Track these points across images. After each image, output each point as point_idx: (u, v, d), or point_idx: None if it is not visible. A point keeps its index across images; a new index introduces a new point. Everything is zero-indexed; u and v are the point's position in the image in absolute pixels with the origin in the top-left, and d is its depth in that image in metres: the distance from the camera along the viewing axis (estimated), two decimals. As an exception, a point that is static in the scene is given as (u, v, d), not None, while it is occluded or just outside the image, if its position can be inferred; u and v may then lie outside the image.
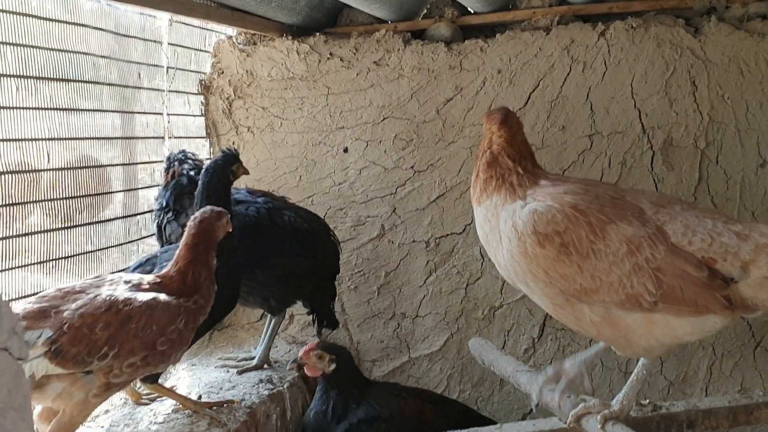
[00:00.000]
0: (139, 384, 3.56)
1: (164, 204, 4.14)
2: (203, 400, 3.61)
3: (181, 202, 4.14)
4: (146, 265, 3.54)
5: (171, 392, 3.51)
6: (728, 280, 2.74)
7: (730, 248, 2.73)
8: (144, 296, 2.84)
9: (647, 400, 3.41)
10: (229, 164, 3.76)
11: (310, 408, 3.82)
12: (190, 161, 4.30)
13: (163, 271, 3.05)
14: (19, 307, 2.72)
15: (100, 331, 2.69)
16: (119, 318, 2.73)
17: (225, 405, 3.56)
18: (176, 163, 4.23)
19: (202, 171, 3.76)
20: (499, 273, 4.56)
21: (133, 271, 3.48)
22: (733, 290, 2.74)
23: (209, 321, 3.23)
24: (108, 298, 2.77)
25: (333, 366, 3.70)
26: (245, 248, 3.89)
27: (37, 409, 2.80)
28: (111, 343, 2.70)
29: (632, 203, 2.90)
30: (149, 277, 2.99)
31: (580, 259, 2.78)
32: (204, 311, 3.01)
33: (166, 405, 3.61)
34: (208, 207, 3.21)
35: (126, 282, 2.91)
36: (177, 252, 3.06)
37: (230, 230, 3.20)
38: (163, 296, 2.88)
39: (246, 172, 3.89)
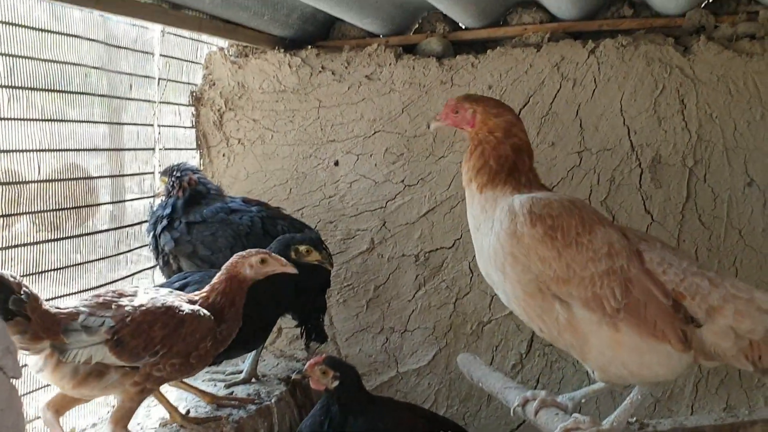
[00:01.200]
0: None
1: (171, 211, 4.13)
2: (191, 414, 3.59)
3: (187, 210, 4.14)
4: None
5: (165, 399, 3.50)
6: (689, 320, 2.82)
7: (700, 289, 2.83)
8: (192, 306, 3.09)
9: (634, 418, 3.44)
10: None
11: (309, 416, 3.78)
12: (200, 172, 4.36)
13: (196, 294, 3.23)
14: (74, 303, 2.96)
15: (159, 329, 2.94)
16: (175, 321, 2.99)
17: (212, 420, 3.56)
18: (189, 172, 4.24)
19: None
20: (487, 288, 4.60)
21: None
22: (692, 331, 2.82)
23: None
24: (165, 302, 3.03)
25: (336, 383, 3.68)
26: None
27: (47, 397, 3.02)
28: (164, 342, 2.94)
29: (620, 226, 3.06)
30: (189, 295, 3.21)
31: (562, 246, 2.86)
32: (224, 343, 3.18)
33: (153, 419, 3.60)
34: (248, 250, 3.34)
35: (170, 292, 3.17)
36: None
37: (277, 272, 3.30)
38: (205, 311, 3.10)
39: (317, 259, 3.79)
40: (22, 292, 2.73)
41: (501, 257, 2.97)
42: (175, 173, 4.21)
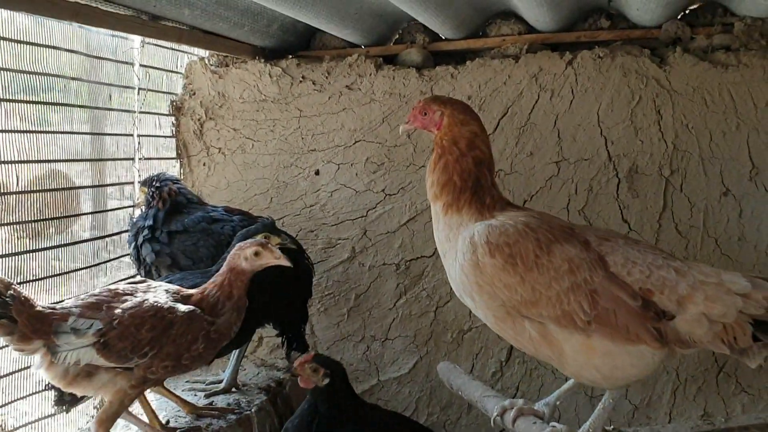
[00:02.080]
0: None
1: (152, 223, 4.11)
2: (171, 425, 3.59)
3: (169, 219, 4.13)
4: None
5: (149, 407, 3.51)
6: (661, 315, 2.83)
7: (667, 282, 2.84)
8: (185, 307, 3.13)
9: (612, 426, 3.48)
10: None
11: (295, 416, 3.74)
12: (180, 182, 4.36)
13: (197, 289, 3.30)
14: (71, 302, 3.06)
15: (146, 332, 3.01)
16: (164, 323, 3.04)
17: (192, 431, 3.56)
18: (169, 182, 4.23)
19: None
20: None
21: None
22: (666, 325, 2.84)
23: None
24: (155, 304, 3.08)
25: (326, 380, 3.68)
26: (219, 267, 3.92)
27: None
28: (152, 344, 3.01)
29: (579, 234, 3.03)
30: (188, 291, 3.28)
31: (524, 271, 2.89)
32: (220, 341, 3.23)
33: (134, 430, 3.59)
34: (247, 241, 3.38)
35: (166, 291, 3.21)
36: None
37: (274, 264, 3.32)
38: (198, 310, 3.16)
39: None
40: (8, 295, 2.82)
41: (468, 287, 3.02)
42: (154, 183, 4.21)
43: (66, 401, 3.40)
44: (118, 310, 3.02)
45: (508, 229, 2.95)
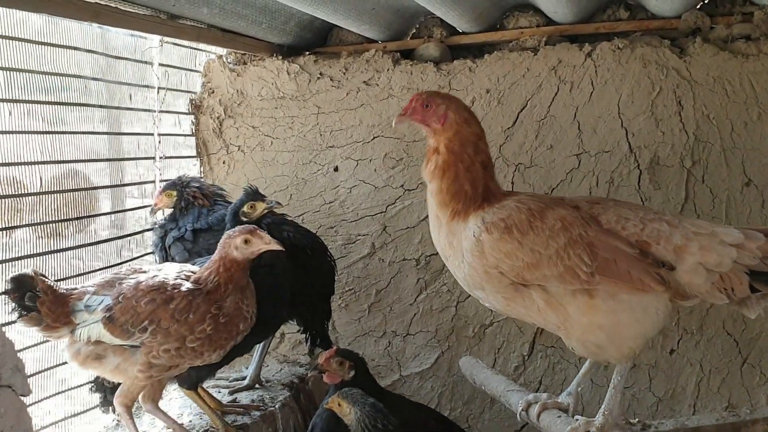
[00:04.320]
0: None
1: (195, 221, 4.08)
2: (188, 424, 3.60)
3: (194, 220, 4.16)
4: None
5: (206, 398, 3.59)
6: (660, 264, 2.93)
7: (662, 233, 2.96)
8: (190, 285, 3.11)
9: (637, 419, 3.46)
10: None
11: (322, 410, 3.69)
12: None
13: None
14: (94, 281, 3.16)
15: (145, 305, 3.00)
16: (163, 297, 3.03)
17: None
18: (200, 180, 4.25)
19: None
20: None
21: None
22: (666, 273, 2.93)
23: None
24: (162, 280, 3.09)
25: (352, 372, 3.69)
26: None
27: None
28: (151, 318, 2.99)
29: (570, 202, 3.15)
30: (194, 268, 3.28)
31: (520, 236, 2.99)
32: (232, 326, 3.14)
33: (159, 427, 3.62)
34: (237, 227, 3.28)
35: (179, 270, 3.22)
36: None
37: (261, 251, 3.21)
38: (203, 288, 3.12)
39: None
40: (38, 288, 2.91)
41: (477, 279, 3.08)
42: (192, 184, 4.16)
43: (110, 402, 3.44)
44: (125, 285, 3.08)
45: (502, 207, 3.06)
